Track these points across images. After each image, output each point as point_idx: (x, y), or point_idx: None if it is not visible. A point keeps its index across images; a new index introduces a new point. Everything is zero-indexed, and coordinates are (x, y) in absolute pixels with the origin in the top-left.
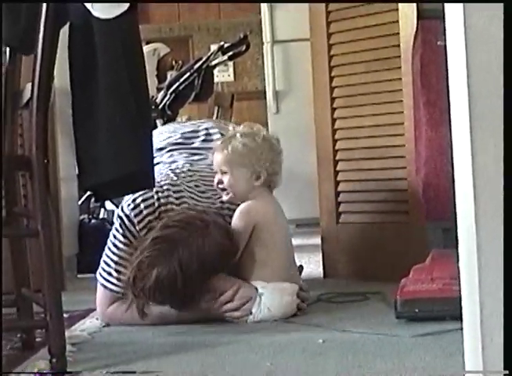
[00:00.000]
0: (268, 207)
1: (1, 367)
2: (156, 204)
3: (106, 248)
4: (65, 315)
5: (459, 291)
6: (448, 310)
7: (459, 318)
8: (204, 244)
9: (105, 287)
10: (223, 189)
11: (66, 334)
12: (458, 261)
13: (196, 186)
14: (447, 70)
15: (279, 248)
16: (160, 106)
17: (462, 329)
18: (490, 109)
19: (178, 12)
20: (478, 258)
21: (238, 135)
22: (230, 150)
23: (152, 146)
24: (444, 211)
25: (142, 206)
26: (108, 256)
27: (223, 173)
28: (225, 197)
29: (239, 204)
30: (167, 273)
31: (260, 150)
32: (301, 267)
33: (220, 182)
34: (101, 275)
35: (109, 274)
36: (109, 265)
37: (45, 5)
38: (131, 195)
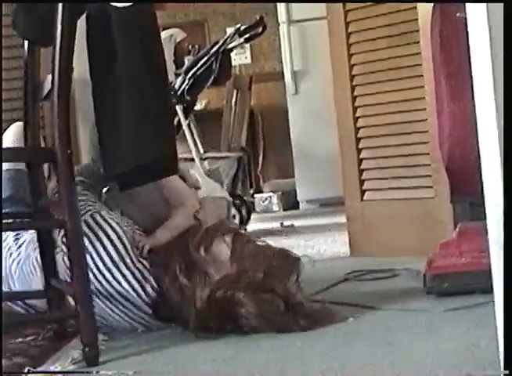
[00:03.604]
0: None
1: (1, 368)
2: None
3: None
4: None
5: (489, 263)
6: (478, 283)
7: (490, 291)
8: None
9: None
10: None
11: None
12: (486, 233)
13: None
14: (468, 42)
15: None
16: (179, 92)
17: (493, 301)
18: None
19: None
20: None
21: None
22: None
23: (174, 132)
24: (469, 184)
25: None
26: None
27: None
28: None
29: None
30: None
31: None
32: None
33: None
34: None
35: None
36: None
37: None
38: None
